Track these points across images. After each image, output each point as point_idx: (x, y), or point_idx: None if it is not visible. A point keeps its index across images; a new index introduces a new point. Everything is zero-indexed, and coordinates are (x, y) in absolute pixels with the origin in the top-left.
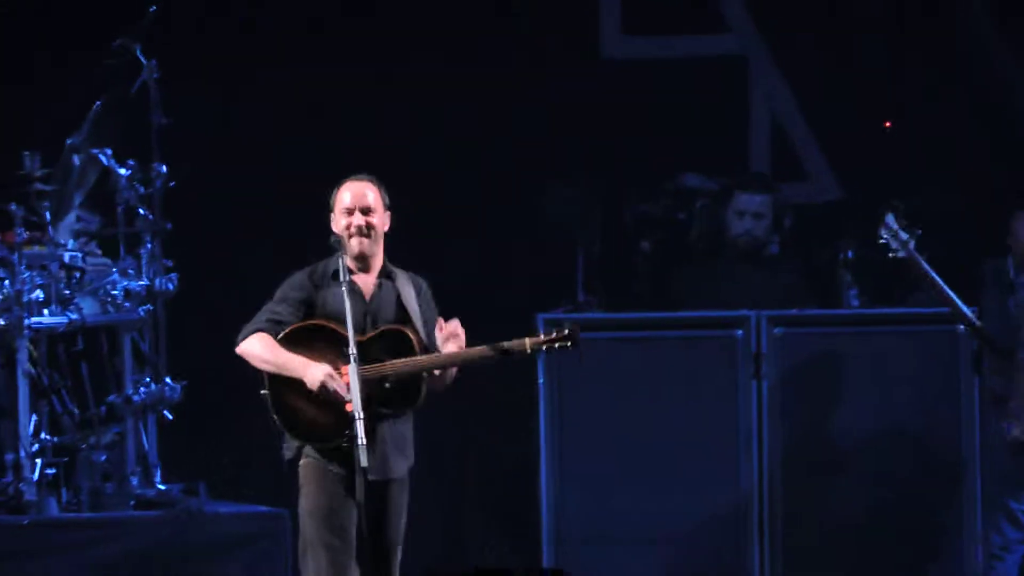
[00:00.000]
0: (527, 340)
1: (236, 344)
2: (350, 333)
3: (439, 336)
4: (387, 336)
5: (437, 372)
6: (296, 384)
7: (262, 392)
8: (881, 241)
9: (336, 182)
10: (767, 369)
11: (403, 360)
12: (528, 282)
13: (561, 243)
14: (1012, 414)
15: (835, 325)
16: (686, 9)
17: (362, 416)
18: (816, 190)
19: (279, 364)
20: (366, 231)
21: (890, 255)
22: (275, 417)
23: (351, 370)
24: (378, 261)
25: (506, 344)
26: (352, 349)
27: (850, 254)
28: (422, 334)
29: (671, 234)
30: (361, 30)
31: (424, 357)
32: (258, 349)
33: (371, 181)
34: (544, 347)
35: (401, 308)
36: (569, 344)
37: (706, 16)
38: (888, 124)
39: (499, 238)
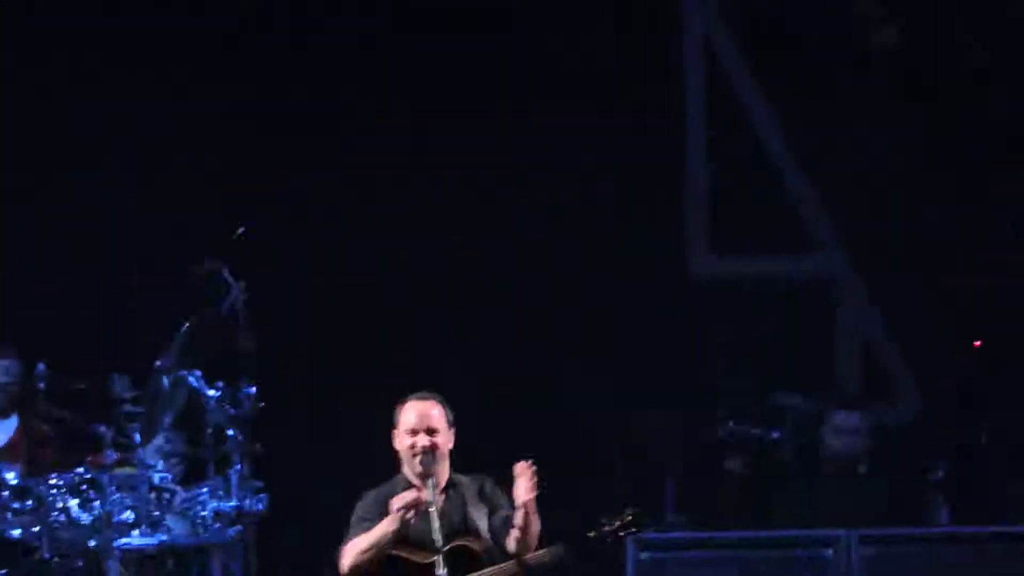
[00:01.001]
0: (591, 534)
1: (341, 569)
2: (439, 557)
3: (517, 482)
4: (456, 553)
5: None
6: None
7: None
8: None
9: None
10: None
11: (484, 572)
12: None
13: (650, 465)
14: None
15: (928, 544)
16: (775, 229)
17: None
18: (905, 409)
19: (375, 541)
20: (431, 453)
21: None
22: None
23: None
24: (444, 476)
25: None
26: (441, 571)
27: (940, 473)
28: (488, 536)
29: (762, 453)
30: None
31: (494, 569)
32: (354, 550)
33: (436, 400)
34: (610, 538)
35: (468, 518)
36: (635, 529)
37: (795, 236)
38: (978, 344)
39: (588, 459)
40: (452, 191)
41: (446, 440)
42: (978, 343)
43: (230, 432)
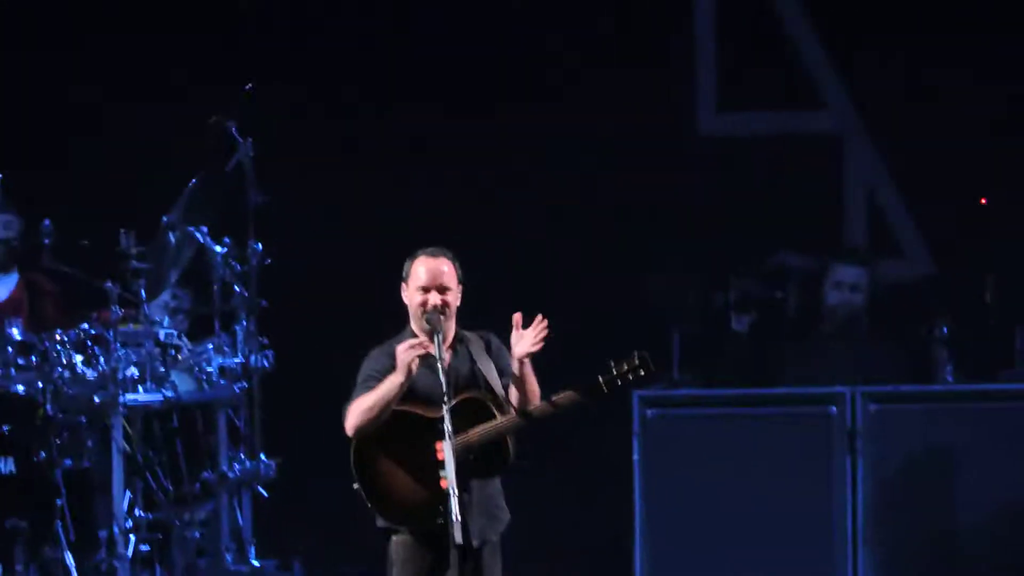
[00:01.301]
0: (600, 379)
1: (346, 429)
2: (446, 411)
3: (514, 336)
4: (464, 406)
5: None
6: (387, 469)
7: (354, 486)
8: None
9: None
10: (862, 445)
11: (484, 427)
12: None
13: (658, 322)
14: None
15: (931, 401)
16: (781, 86)
17: (456, 492)
18: (911, 266)
19: (381, 397)
20: (442, 310)
21: None
22: (369, 504)
23: (445, 447)
24: (451, 333)
25: (578, 390)
26: (447, 425)
27: (944, 330)
28: (499, 390)
29: (769, 313)
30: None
31: (504, 419)
32: (360, 409)
33: (446, 256)
34: (620, 382)
35: (476, 371)
36: (642, 372)
37: (802, 93)
38: (984, 200)
39: (597, 316)
40: None
41: (455, 298)
42: (984, 200)
43: (236, 288)
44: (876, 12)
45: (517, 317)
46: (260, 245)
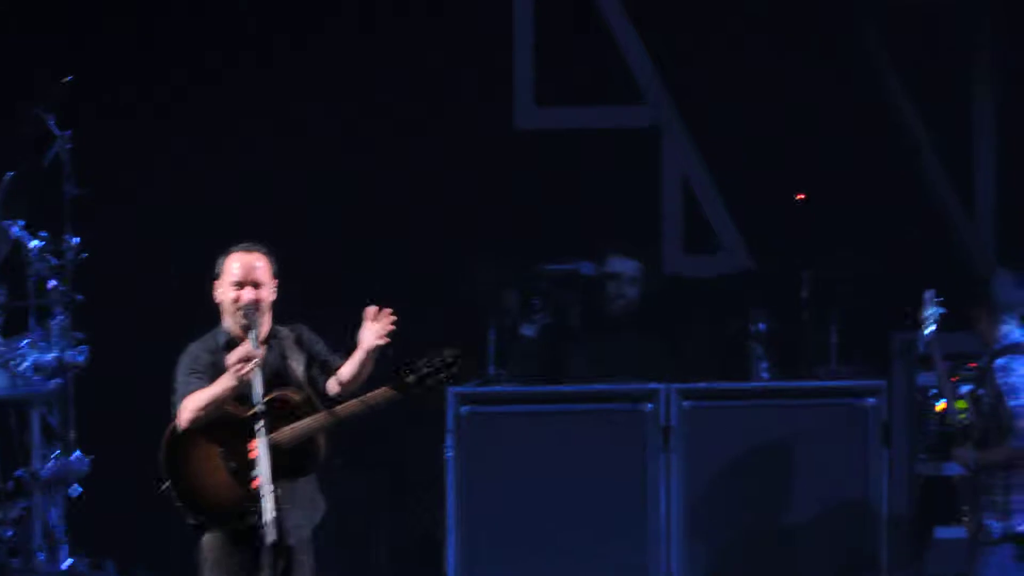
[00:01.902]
0: (409, 377)
1: (180, 424)
2: (259, 408)
3: (363, 328)
4: (274, 404)
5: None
6: (198, 467)
7: (162, 486)
8: (923, 316)
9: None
10: (676, 442)
11: (293, 426)
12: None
13: (473, 317)
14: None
15: (747, 398)
16: (600, 80)
17: (271, 491)
18: (727, 261)
19: (213, 398)
20: (254, 306)
21: (924, 331)
22: (179, 504)
23: (259, 445)
24: (266, 328)
25: (384, 390)
26: (260, 423)
27: (761, 326)
28: (308, 386)
29: (556, 316)
30: (281, 95)
31: (312, 418)
32: (193, 406)
33: (260, 251)
34: (430, 380)
35: (288, 367)
36: (454, 370)
37: (620, 87)
38: (801, 196)
39: (413, 308)
40: None
41: (269, 293)
42: (801, 196)
43: (52, 282)
44: (693, 4)
45: (370, 309)
46: (76, 239)
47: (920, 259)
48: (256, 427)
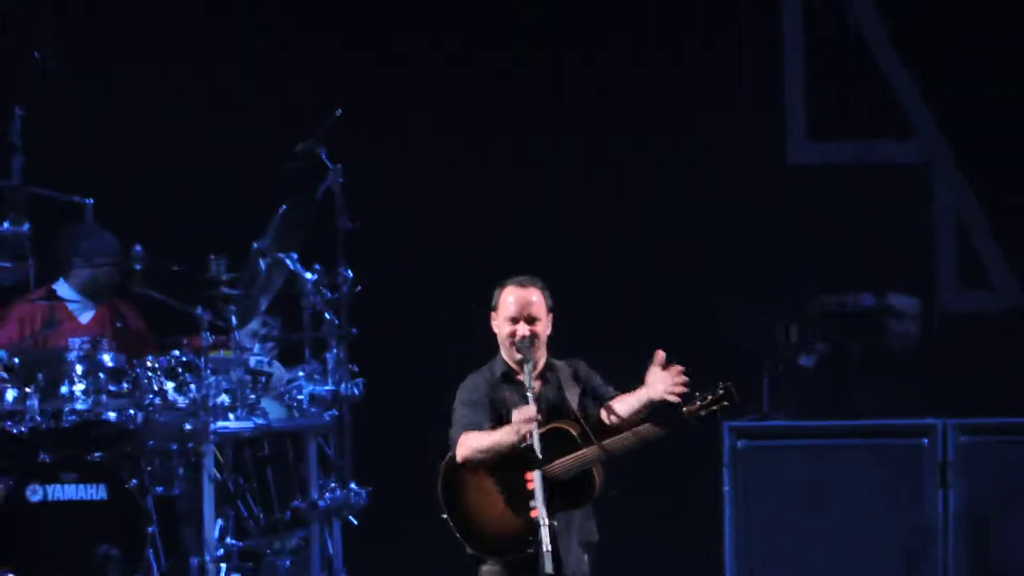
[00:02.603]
0: (684, 409)
1: (456, 457)
2: (536, 439)
3: (651, 372)
4: (549, 436)
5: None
6: (476, 498)
7: (442, 516)
8: None
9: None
10: (953, 478)
11: (567, 458)
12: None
13: (749, 354)
14: None
15: (1022, 433)
16: (872, 115)
17: (547, 522)
18: (1000, 298)
19: (492, 446)
20: (531, 340)
21: None
22: (457, 535)
23: (535, 476)
24: (542, 361)
25: (661, 421)
26: (538, 454)
27: None
28: (581, 417)
29: (835, 350)
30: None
31: (586, 451)
32: (472, 446)
33: (535, 286)
34: (704, 412)
35: (565, 400)
36: (727, 403)
37: (892, 122)
38: None
39: (691, 347)
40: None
41: (545, 327)
42: None
43: (327, 315)
44: (962, 43)
45: (660, 354)
46: (350, 272)
47: None
48: (532, 458)
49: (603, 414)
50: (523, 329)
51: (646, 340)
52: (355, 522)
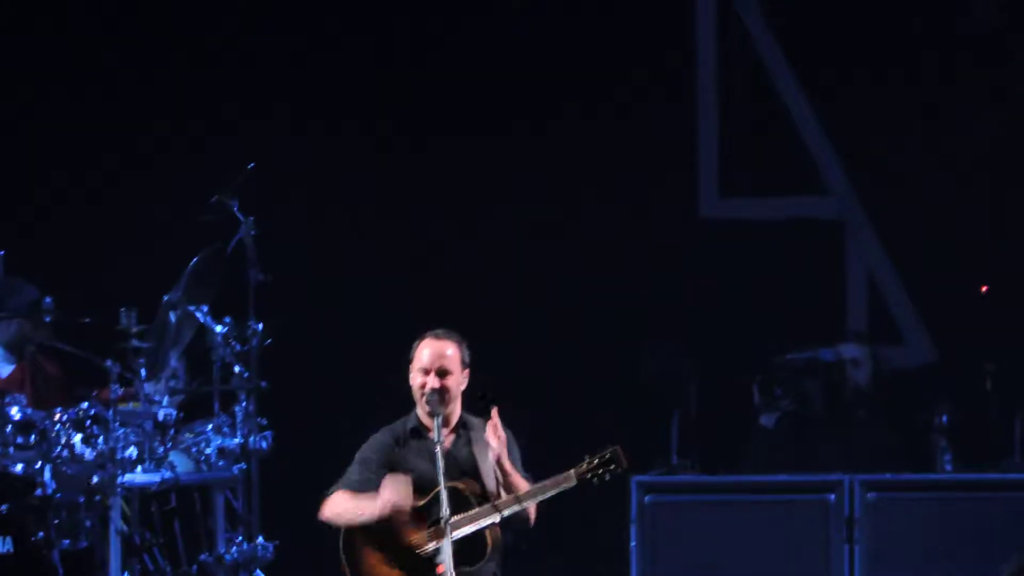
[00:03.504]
0: (572, 472)
1: (321, 511)
2: (443, 496)
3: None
4: (447, 494)
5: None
6: (375, 557)
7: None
8: None
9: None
10: (860, 534)
11: (458, 517)
12: (623, 445)
13: (656, 407)
14: None
15: (930, 489)
16: (784, 171)
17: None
18: (911, 354)
19: (356, 515)
20: (439, 394)
21: None
22: None
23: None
24: (455, 416)
25: (553, 480)
26: (444, 511)
27: (944, 419)
28: (490, 481)
29: (797, 408)
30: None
31: (477, 511)
32: (335, 509)
33: (451, 339)
34: (590, 475)
35: (473, 459)
36: (614, 466)
37: (804, 179)
38: (985, 288)
39: (594, 401)
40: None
41: (457, 382)
42: (985, 288)
43: (236, 368)
44: (881, 101)
45: (494, 415)
46: (260, 325)
47: None
48: (434, 515)
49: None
50: (433, 381)
51: (559, 392)
52: None
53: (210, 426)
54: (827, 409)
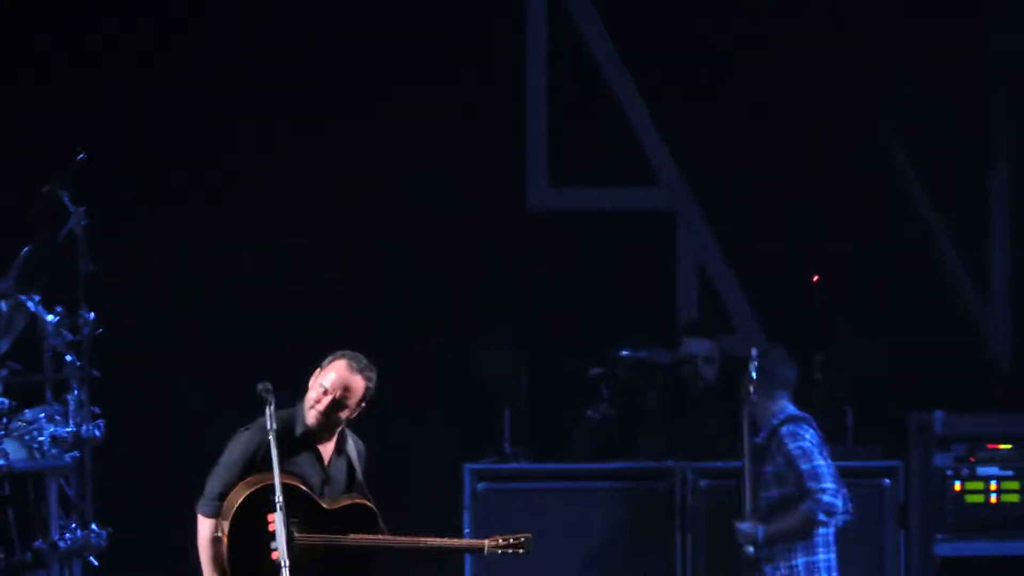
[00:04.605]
0: (485, 542)
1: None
2: (276, 480)
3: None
4: (352, 509)
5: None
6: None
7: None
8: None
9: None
10: (692, 521)
11: (361, 537)
12: (457, 434)
13: (489, 397)
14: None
15: None
16: (615, 162)
17: (287, 564)
18: (742, 342)
19: (203, 560)
20: (331, 418)
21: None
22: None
23: (277, 519)
24: (338, 432)
25: (464, 542)
26: (278, 498)
27: None
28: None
29: (630, 403)
30: (290, 185)
31: (387, 537)
32: (200, 538)
33: (363, 376)
34: (499, 551)
35: (351, 473)
36: (521, 551)
37: (635, 169)
38: (816, 278)
39: (428, 392)
40: None
41: (351, 413)
42: (816, 277)
43: (68, 357)
44: (706, 92)
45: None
46: (92, 314)
47: (934, 339)
48: (277, 501)
49: None
50: (327, 406)
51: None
52: (95, 563)
53: (43, 414)
54: (664, 406)
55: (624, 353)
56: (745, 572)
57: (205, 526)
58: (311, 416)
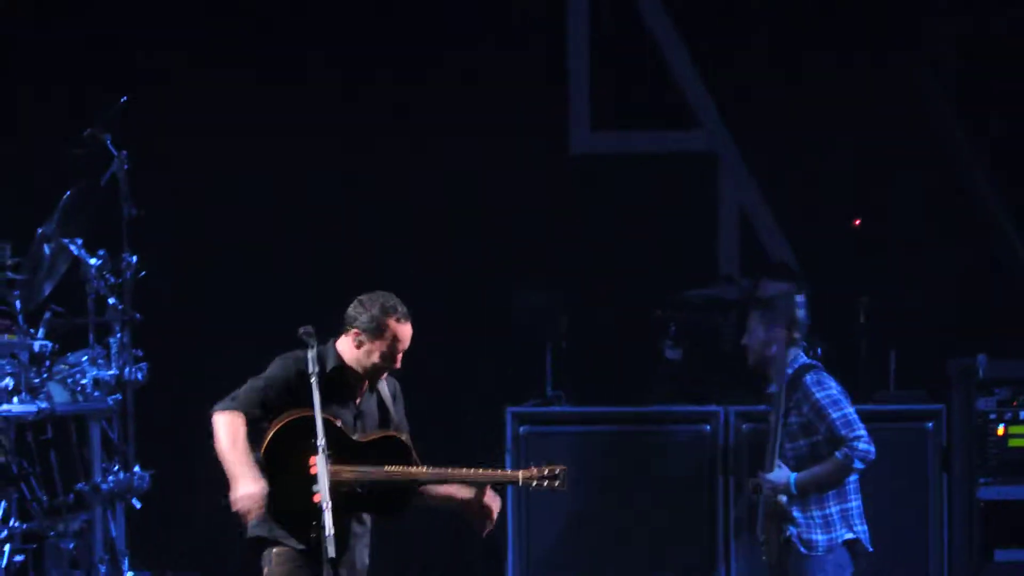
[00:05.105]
0: (520, 473)
1: (213, 410)
2: (318, 423)
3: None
4: (385, 442)
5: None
6: (282, 468)
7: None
8: None
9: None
10: (734, 464)
11: (394, 469)
12: (498, 377)
13: (530, 341)
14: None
15: None
16: (656, 105)
17: (329, 505)
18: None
19: (226, 454)
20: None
21: None
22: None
23: (319, 460)
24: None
25: (499, 472)
26: (321, 440)
27: (819, 351)
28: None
29: (704, 343)
30: (326, 131)
31: (417, 469)
32: (221, 430)
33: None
34: (534, 481)
35: (383, 410)
36: (557, 483)
37: (677, 112)
38: (857, 222)
39: (471, 334)
40: None
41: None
42: (858, 221)
43: (111, 300)
44: (749, 36)
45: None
46: (134, 258)
47: (977, 283)
48: (319, 444)
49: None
50: (398, 364)
51: (428, 330)
52: (138, 505)
53: (85, 357)
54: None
55: (692, 292)
56: (769, 524)
57: (225, 419)
58: (370, 372)
